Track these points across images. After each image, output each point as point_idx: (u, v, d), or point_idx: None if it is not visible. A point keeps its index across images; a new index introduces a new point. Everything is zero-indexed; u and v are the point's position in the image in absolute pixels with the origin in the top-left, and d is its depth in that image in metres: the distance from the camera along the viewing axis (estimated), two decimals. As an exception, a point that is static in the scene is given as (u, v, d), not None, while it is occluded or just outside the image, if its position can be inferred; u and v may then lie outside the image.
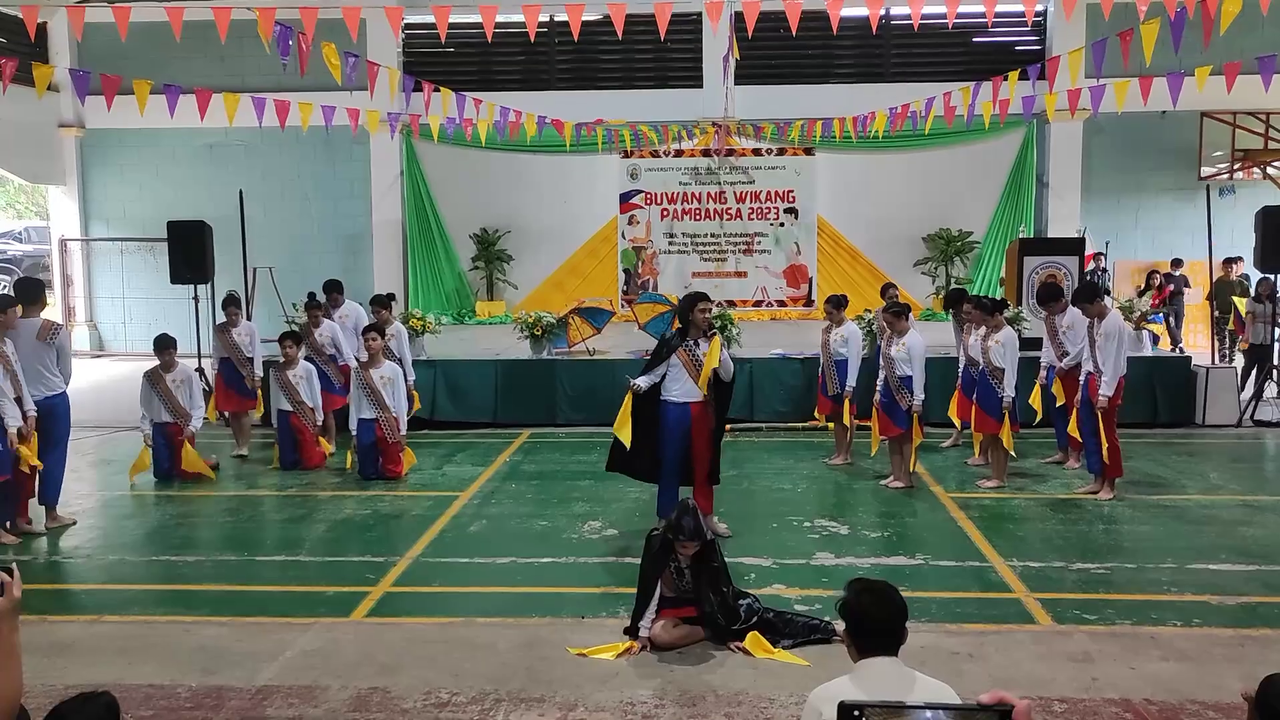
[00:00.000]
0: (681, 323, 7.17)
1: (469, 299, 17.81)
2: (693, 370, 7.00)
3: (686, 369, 7.01)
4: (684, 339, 7.08)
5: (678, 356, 7.04)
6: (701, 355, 7.00)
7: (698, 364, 6.99)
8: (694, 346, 7.04)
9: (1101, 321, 8.19)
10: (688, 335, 7.07)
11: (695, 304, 7.09)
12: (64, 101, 17.80)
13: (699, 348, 7.03)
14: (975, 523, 7.67)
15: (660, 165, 17.32)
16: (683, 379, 7.03)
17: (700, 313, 7.04)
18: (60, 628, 5.75)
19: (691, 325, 7.04)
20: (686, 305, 7.15)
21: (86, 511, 8.28)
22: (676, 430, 7.07)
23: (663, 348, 7.19)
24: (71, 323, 18.42)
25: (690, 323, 7.05)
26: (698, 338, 7.05)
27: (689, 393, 7.04)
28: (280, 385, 9.69)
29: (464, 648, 5.36)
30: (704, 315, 7.04)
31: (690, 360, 7.01)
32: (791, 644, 5.31)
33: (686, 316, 7.09)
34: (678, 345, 7.08)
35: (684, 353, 7.04)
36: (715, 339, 7.03)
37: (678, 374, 7.04)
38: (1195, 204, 15.76)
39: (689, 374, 7.01)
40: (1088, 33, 15.88)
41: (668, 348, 7.13)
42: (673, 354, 7.06)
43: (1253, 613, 5.79)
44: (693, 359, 7.01)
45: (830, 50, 17.54)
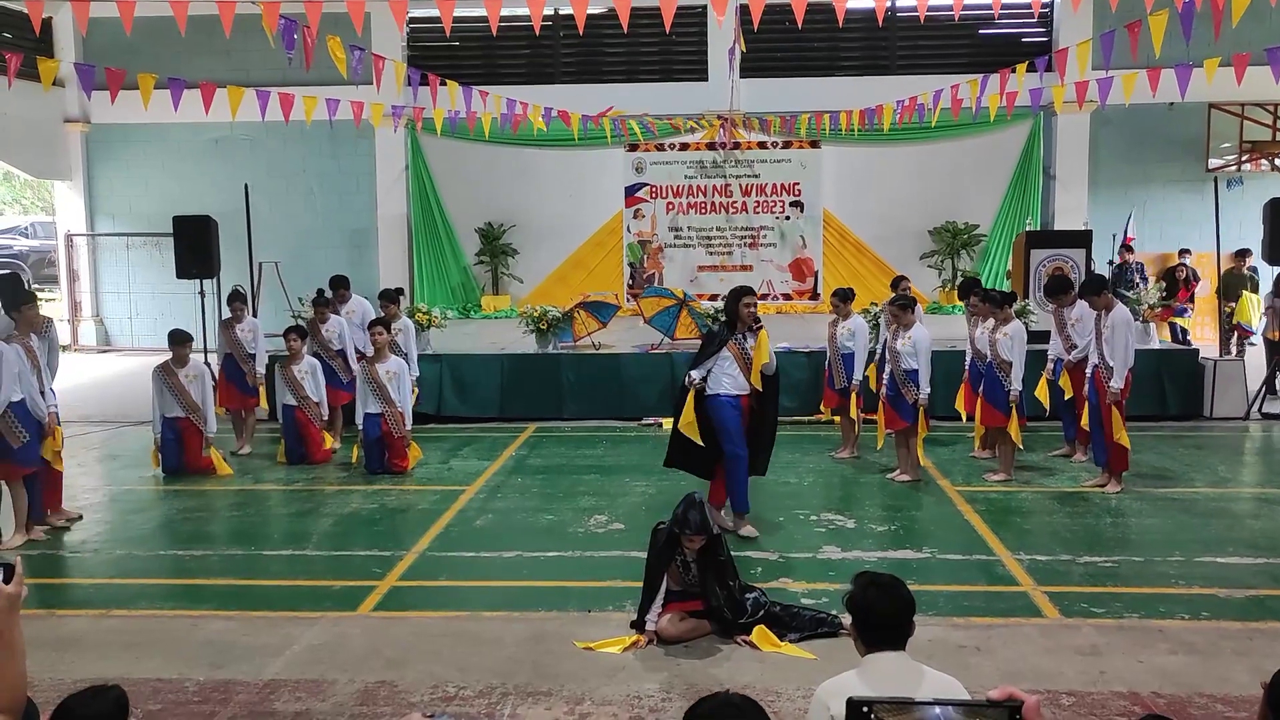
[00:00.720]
0: (728, 316, 7.19)
1: (474, 293, 17.81)
2: (743, 364, 7.03)
3: (737, 362, 7.04)
4: (733, 332, 7.10)
5: (729, 350, 7.06)
6: (750, 349, 7.03)
7: (747, 357, 7.02)
8: (743, 340, 7.07)
9: (1109, 314, 8.17)
10: (735, 329, 7.09)
11: (740, 298, 7.12)
12: (69, 96, 17.81)
13: (747, 341, 7.06)
14: (982, 516, 7.65)
15: (665, 159, 17.29)
16: (734, 373, 7.06)
17: (745, 307, 7.06)
18: (67, 622, 5.77)
19: (738, 319, 7.07)
20: (732, 300, 7.18)
21: (93, 506, 8.30)
22: (735, 419, 7.08)
23: (712, 341, 7.22)
24: (78, 318, 18.45)
25: (736, 317, 7.07)
26: (744, 331, 7.07)
27: (740, 386, 7.07)
28: (285, 380, 9.69)
29: (470, 642, 5.37)
30: (748, 310, 7.06)
31: (741, 354, 7.04)
32: (798, 637, 5.30)
33: (733, 310, 7.12)
34: (727, 338, 7.09)
35: (734, 346, 7.06)
36: (763, 333, 7.08)
37: (729, 367, 7.06)
38: (1203, 196, 15.70)
39: (740, 367, 7.04)
40: (1094, 24, 15.82)
41: (717, 340, 7.15)
42: (723, 347, 7.07)
43: (1261, 606, 5.77)
44: (743, 352, 7.04)
45: (836, 43, 17.49)
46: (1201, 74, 10.63)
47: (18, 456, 7.12)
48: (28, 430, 7.15)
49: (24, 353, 7.26)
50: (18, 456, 7.12)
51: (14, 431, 7.05)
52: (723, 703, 2.46)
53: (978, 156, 17.12)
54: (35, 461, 7.28)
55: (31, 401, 7.22)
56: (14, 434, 7.06)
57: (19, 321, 7.49)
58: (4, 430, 7.01)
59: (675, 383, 11.61)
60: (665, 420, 11.29)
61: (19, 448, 7.10)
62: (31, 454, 7.23)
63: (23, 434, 7.11)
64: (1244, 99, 15.87)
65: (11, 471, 7.15)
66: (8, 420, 7.00)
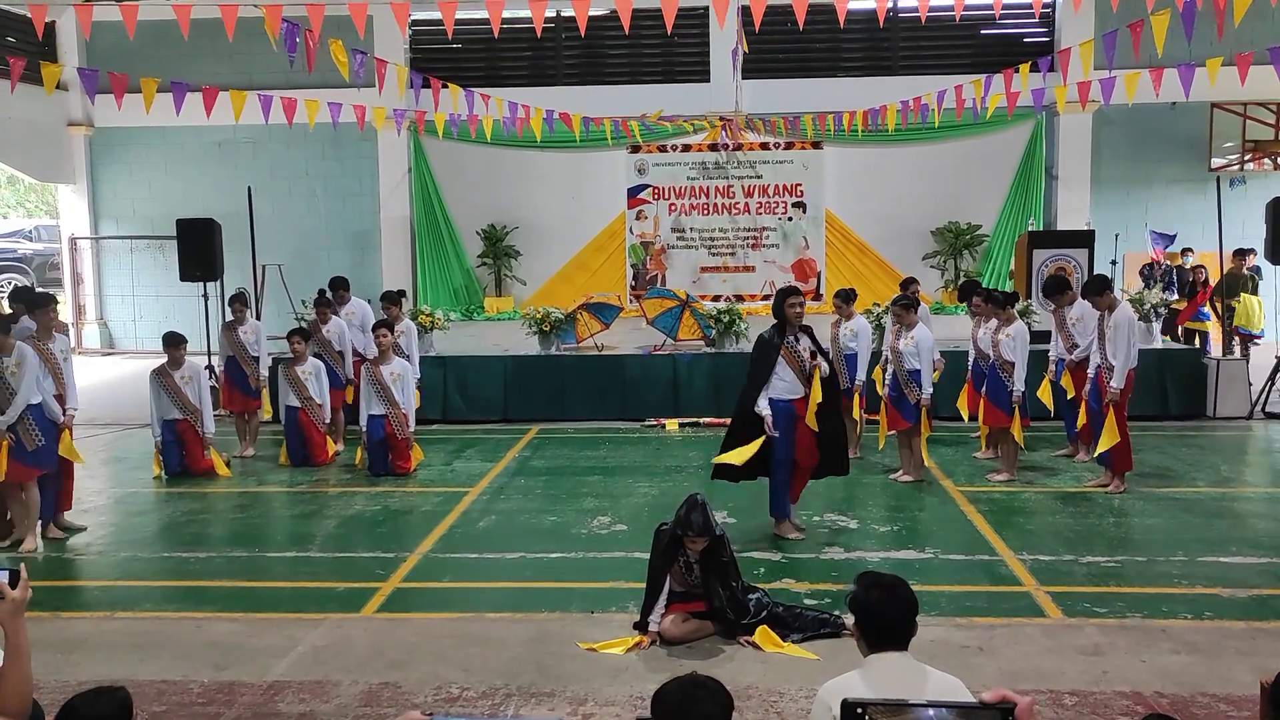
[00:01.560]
0: (776, 319, 7.05)
1: (477, 295, 17.83)
2: (797, 367, 6.91)
3: (791, 366, 6.92)
4: (783, 336, 6.97)
5: (782, 355, 6.93)
6: (803, 350, 6.90)
7: (801, 360, 6.90)
8: (794, 343, 6.95)
9: (1111, 314, 8.17)
10: (785, 332, 6.97)
11: (786, 299, 6.98)
12: (73, 100, 17.85)
13: (799, 343, 6.94)
14: (985, 516, 7.66)
15: (668, 160, 17.30)
16: (789, 377, 6.94)
17: (791, 308, 6.92)
18: (72, 624, 5.79)
19: (786, 322, 6.95)
20: (778, 301, 7.04)
21: (98, 509, 8.32)
22: (787, 427, 6.97)
23: (766, 351, 7.01)
24: (82, 321, 18.49)
25: (784, 319, 6.96)
26: (794, 333, 6.96)
27: (794, 390, 6.94)
28: (289, 381, 9.71)
29: (474, 643, 5.38)
30: (795, 310, 6.92)
31: (793, 357, 6.92)
32: (801, 638, 5.31)
33: (780, 313, 6.98)
34: (779, 344, 6.96)
35: (787, 350, 6.94)
36: (818, 363, 6.92)
37: (783, 372, 6.94)
38: (1205, 195, 15.71)
39: (794, 371, 6.92)
40: (1096, 24, 15.82)
41: (770, 349, 6.98)
42: (777, 354, 6.94)
43: (1264, 605, 5.77)
44: (795, 355, 6.92)
45: (837, 43, 17.50)
46: (1204, 73, 10.63)
47: (33, 459, 7.17)
48: (43, 433, 7.20)
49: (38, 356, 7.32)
50: (33, 459, 7.17)
51: (30, 434, 7.11)
52: (690, 683, 2.50)
53: (980, 157, 17.11)
54: (50, 464, 7.33)
55: (47, 405, 7.28)
56: (30, 436, 7.11)
57: (39, 324, 7.54)
58: (21, 432, 7.06)
59: (678, 384, 11.67)
60: (669, 421, 11.34)
61: (34, 450, 7.15)
62: (47, 456, 7.28)
63: (39, 437, 7.16)
64: (1246, 98, 15.85)
65: (26, 473, 7.18)
66: (25, 422, 7.07)
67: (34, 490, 7.29)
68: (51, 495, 7.49)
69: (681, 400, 11.62)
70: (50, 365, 7.48)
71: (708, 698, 2.49)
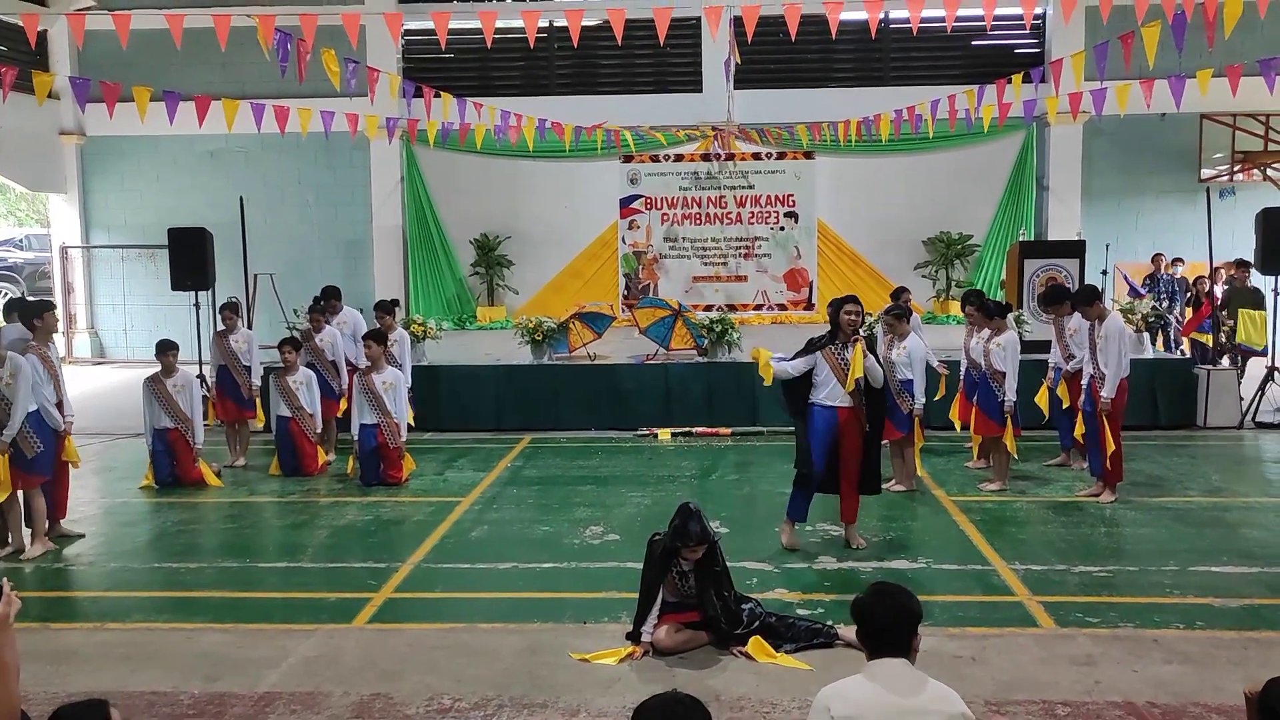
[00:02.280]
0: (831, 325, 7.01)
1: (470, 304, 17.82)
2: (840, 373, 6.86)
3: (834, 371, 6.87)
4: (833, 340, 6.94)
5: (824, 358, 6.91)
6: (848, 358, 6.85)
7: (845, 366, 6.85)
8: (841, 349, 6.89)
9: (1101, 324, 8.20)
10: (836, 338, 6.93)
11: (842, 306, 6.94)
12: (65, 109, 17.80)
13: (846, 350, 6.88)
14: (977, 526, 7.66)
15: (660, 170, 17.32)
16: (830, 382, 6.90)
17: (846, 315, 6.88)
18: (62, 635, 5.76)
19: (839, 328, 6.90)
20: (834, 308, 7.00)
21: (88, 518, 8.27)
22: (824, 434, 6.94)
23: (810, 346, 7.03)
24: (73, 330, 18.43)
25: (838, 325, 6.91)
26: (846, 341, 6.90)
27: (836, 395, 6.90)
28: (280, 391, 9.68)
29: (466, 653, 5.36)
30: (850, 318, 6.87)
31: (838, 362, 6.87)
32: (794, 648, 5.30)
33: (835, 319, 6.94)
34: (825, 345, 6.94)
35: (830, 354, 6.89)
36: (859, 345, 6.84)
37: (825, 377, 6.91)
38: (1196, 206, 15.75)
39: (836, 376, 6.88)
40: (1087, 35, 15.91)
41: (815, 346, 6.99)
42: (817, 351, 6.94)
43: (1255, 615, 5.78)
44: (840, 361, 6.87)
45: (830, 54, 17.55)
46: (1194, 84, 10.70)
47: (33, 466, 7.17)
48: (42, 440, 7.20)
49: (40, 362, 7.34)
50: (33, 466, 7.17)
51: (29, 441, 7.11)
52: (671, 700, 2.54)
53: (971, 167, 17.18)
54: (49, 471, 7.34)
55: (46, 411, 7.29)
56: (29, 444, 7.11)
57: (39, 330, 7.53)
58: (19, 440, 7.06)
59: (670, 393, 11.66)
60: (662, 431, 11.34)
61: (33, 457, 7.16)
62: (45, 464, 7.29)
63: (37, 444, 7.17)
64: (1236, 109, 15.93)
65: (26, 481, 7.18)
66: (23, 430, 7.06)
67: (38, 497, 7.30)
68: (48, 504, 7.46)
69: (674, 410, 11.60)
70: (50, 371, 7.47)
71: (685, 714, 2.53)
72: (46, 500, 7.44)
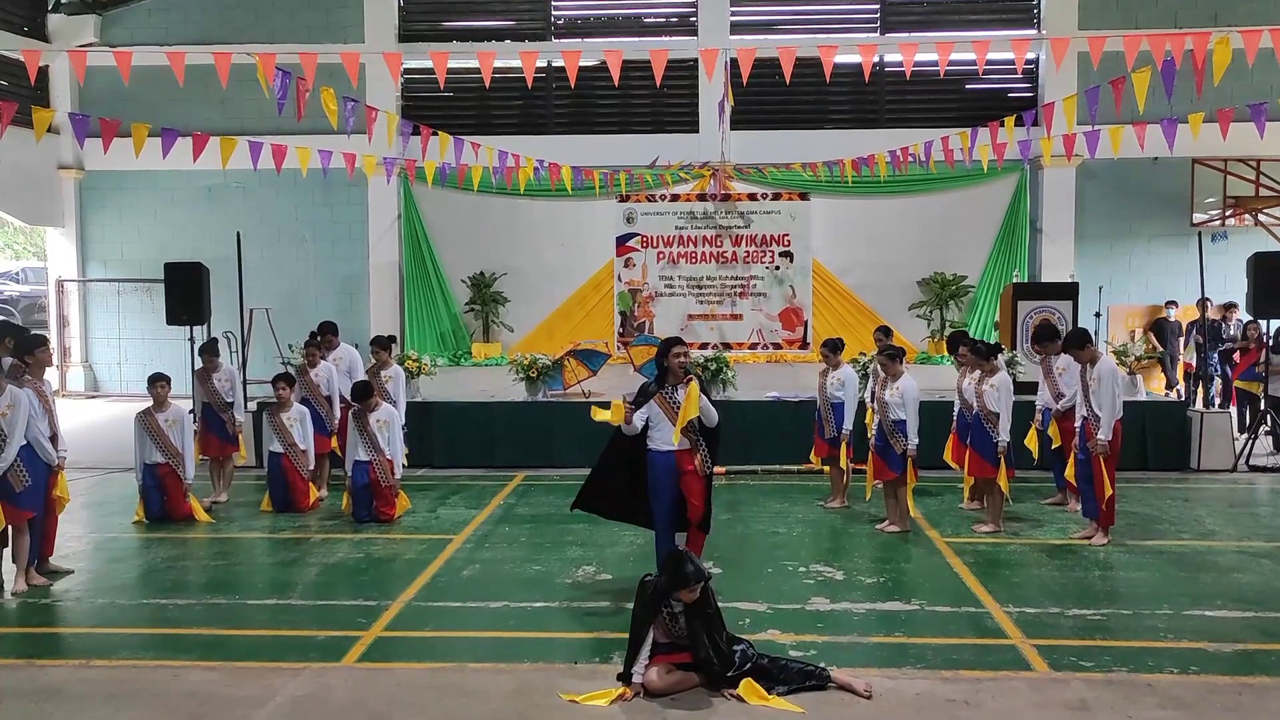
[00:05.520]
0: (658, 369, 6.91)
1: (465, 341, 17.83)
2: (671, 416, 6.73)
3: (665, 415, 6.76)
4: (661, 385, 6.84)
5: (655, 403, 6.79)
6: (680, 400, 6.73)
7: (676, 409, 6.73)
8: (671, 393, 6.78)
9: (1094, 366, 8.22)
10: (665, 381, 6.82)
11: (670, 349, 6.82)
12: (63, 144, 17.92)
13: (677, 394, 6.76)
14: (971, 568, 7.63)
15: (656, 209, 17.40)
16: (663, 426, 6.77)
17: (674, 358, 6.76)
18: (47, 672, 5.69)
19: (668, 371, 6.79)
20: (662, 351, 6.89)
21: (77, 554, 8.22)
22: (664, 479, 6.82)
23: (642, 394, 6.91)
24: (67, 363, 18.41)
25: (666, 369, 6.80)
26: (675, 384, 6.78)
27: (669, 440, 6.77)
28: (274, 427, 9.66)
29: (456, 694, 5.31)
30: (679, 361, 6.77)
31: (669, 406, 6.75)
32: (786, 690, 5.26)
33: (662, 362, 6.84)
34: (655, 391, 6.84)
35: (662, 399, 6.79)
36: (692, 385, 6.71)
37: (658, 421, 6.78)
38: (1188, 250, 15.87)
39: (668, 420, 6.75)
40: (1079, 79, 16.10)
41: (645, 395, 6.86)
42: (650, 399, 6.82)
43: (1250, 660, 5.75)
44: (671, 404, 6.75)
45: (824, 96, 17.74)
46: (1186, 129, 10.82)
47: (20, 500, 7.11)
48: (32, 475, 7.16)
49: (35, 396, 7.31)
50: (20, 500, 7.11)
51: (18, 475, 7.07)
52: None
53: (965, 209, 17.30)
54: (37, 506, 7.28)
55: (39, 445, 7.25)
56: (18, 478, 7.07)
57: (32, 364, 7.51)
58: (9, 474, 7.02)
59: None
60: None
61: (21, 491, 7.10)
62: (34, 498, 7.23)
63: (26, 479, 7.12)
64: (1228, 154, 16.09)
65: (14, 515, 7.12)
66: (14, 465, 7.03)
67: (24, 534, 7.23)
68: (36, 539, 7.41)
69: (668, 448, 11.57)
70: (45, 405, 7.45)
71: None
72: (35, 536, 7.38)
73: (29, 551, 7.31)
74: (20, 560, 7.26)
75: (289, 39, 17.02)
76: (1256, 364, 12.68)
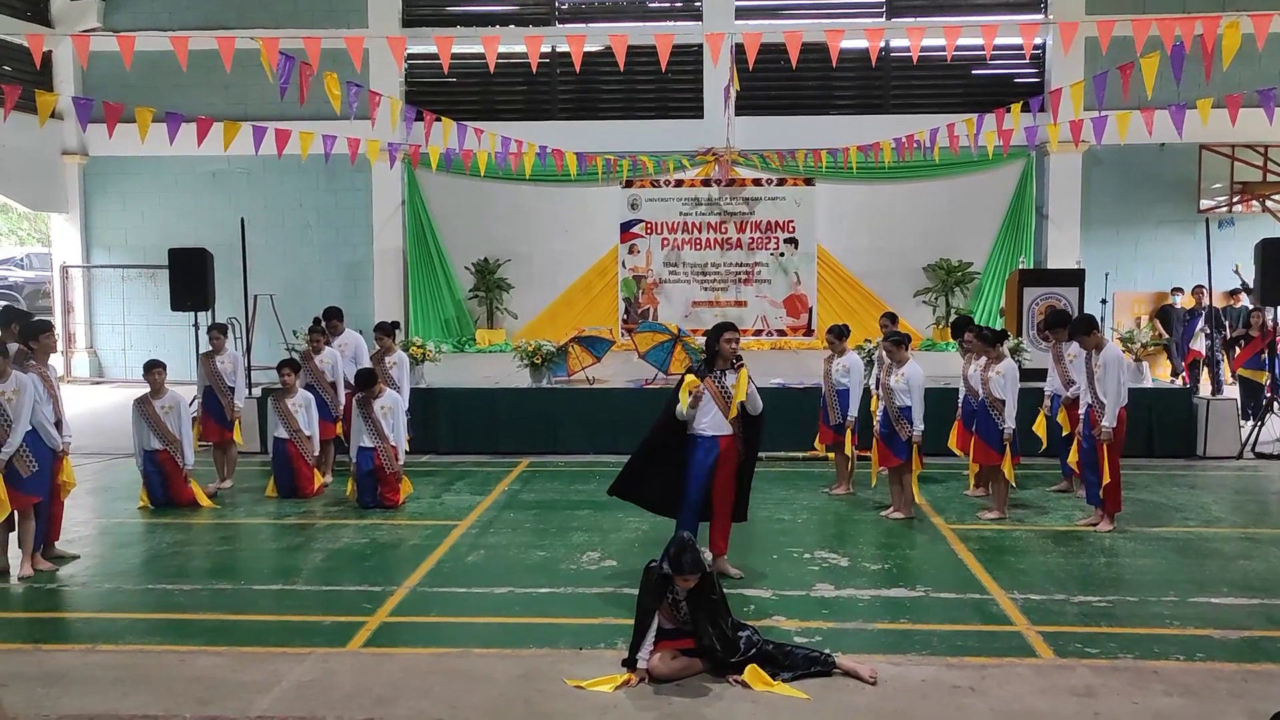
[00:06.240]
0: (708, 353, 6.95)
1: (469, 327, 17.82)
2: (721, 401, 6.79)
3: (715, 400, 6.79)
4: (711, 369, 6.88)
5: (705, 386, 6.81)
6: (730, 386, 6.79)
7: (726, 395, 6.78)
8: (721, 377, 6.82)
9: (1099, 353, 8.19)
10: (715, 365, 6.87)
11: (722, 334, 6.86)
12: (67, 129, 17.90)
13: (726, 378, 6.81)
14: (976, 555, 7.63)
15: (661, 195, 17.34)
16: (711, 411, 6.80)
17: (727, 343, 6.81)
18: (54, 656, 5.70)
19: (719, 355, 6.83)
20: (714, 335, 6.91)
21: (83, 539, 8.24)
22: (704, 464, 6.84)
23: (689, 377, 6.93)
24: (71, 349, 18.43)
25: (717, 353, 6.84)
26: (725, 368, 6.84)
27: (717, 425, 6.82)
28: (279, 413, 9.66)
29: (461, 679, 5.32)
30: (730, 345, 6.82)
31: (719, 391, 6.80)
32: (791, 676, 5.25)
33: (713, 346, 6.87)
34: (704, 375, 6.86)
35: (711, 382, 6.81)
36: (743, 371, 6.79)
37: (706, 405, 6.80)
38: (1195, 236, 15.83)
39: (718, 405, 6.79)
40: (1086, 65, 16.01)
41: (695, 377, 6.88)
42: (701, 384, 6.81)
43: (1256, 647, 5.74)
44: (721, 389, 6.80)
45: (830, 82, 17.66)
46: (1194, 115, 10.76)
47: (26, 486, 7.14)
48: (38, 459, 7.18)
49: (40, 381, 7.32)
50: (26, 486, 7.14)
51: (24, 460, 7.09)
52: None
53: (971, 195, 17.23)
54: (43, 491, 7.30)
55: (44, 430, 7.27)
56: (24, 463, 7.09)
57: (37, 350, 7.53)
58: (15, 459, 7.05)
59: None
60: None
61: (28, 477, 7.13)
62: (40, 484, 7.25)
63: (33, 463, 7.14)
64: (1235, 140, 16.01)
65: (20, 500, 7.14)
66: (20, 450, 7.05)
67: (30, 519, 7.25)
68: (42, 525, 7.43)
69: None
70: (50, 390, 7.46)
71: None
72: (41, 521, 7.40)
73: (35, 537, 7.34)
74: (26, 545, 7.29)
75: (292, 23, 16.96)
76: (1261, 352, 12.65)
